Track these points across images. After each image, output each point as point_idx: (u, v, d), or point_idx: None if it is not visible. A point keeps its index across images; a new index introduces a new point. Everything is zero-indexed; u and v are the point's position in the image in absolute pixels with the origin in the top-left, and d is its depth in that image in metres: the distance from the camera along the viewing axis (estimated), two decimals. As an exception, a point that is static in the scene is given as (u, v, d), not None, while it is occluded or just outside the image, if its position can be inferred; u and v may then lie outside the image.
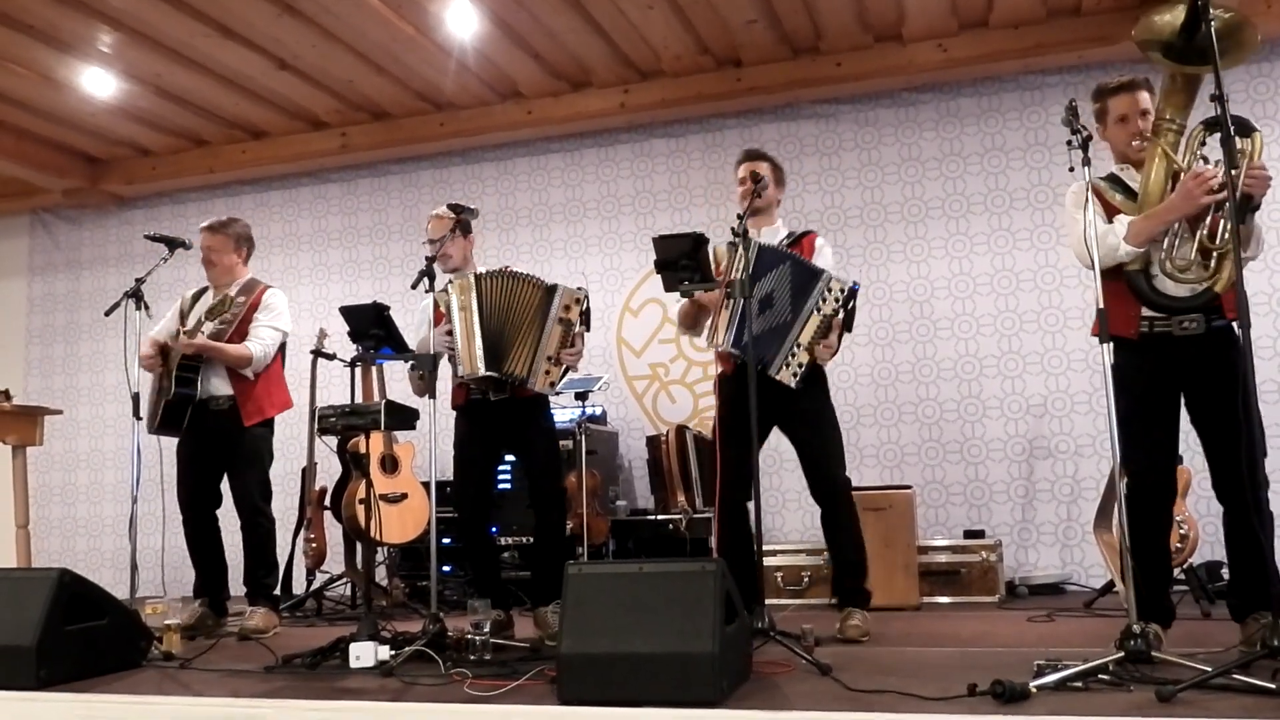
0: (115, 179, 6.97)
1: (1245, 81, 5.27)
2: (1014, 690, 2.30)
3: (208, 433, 4.31)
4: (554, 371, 3.79)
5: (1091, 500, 5.03)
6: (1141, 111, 3.10)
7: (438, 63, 5.62)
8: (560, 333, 3.78)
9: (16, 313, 7.40)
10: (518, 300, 3.81)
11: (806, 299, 3.56)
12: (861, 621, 3.55)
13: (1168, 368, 3.00)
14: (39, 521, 6.15)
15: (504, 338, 3.77)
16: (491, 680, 2.75)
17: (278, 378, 4.49)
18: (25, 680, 2.95)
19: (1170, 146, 2.96)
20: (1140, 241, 2.96)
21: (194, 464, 4.37)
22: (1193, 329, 2.97)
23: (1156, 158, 2.99)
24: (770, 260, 3.61)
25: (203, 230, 4.53)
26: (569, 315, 3.79)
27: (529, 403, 3.91)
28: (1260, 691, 2.26)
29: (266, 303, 4.42)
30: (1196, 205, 2.88)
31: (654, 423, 6.01)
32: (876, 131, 5.87)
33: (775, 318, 3.59)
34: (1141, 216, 2.98)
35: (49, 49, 5.35)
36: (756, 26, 5.36)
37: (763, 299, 3.57)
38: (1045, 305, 5.47)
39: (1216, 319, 2.97)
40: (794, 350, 3.54)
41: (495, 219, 6.42)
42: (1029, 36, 5.36)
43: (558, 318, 3.78)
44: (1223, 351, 2.97)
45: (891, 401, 5.63)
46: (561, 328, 3.78)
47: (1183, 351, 2.98)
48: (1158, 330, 3.00)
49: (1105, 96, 3.17)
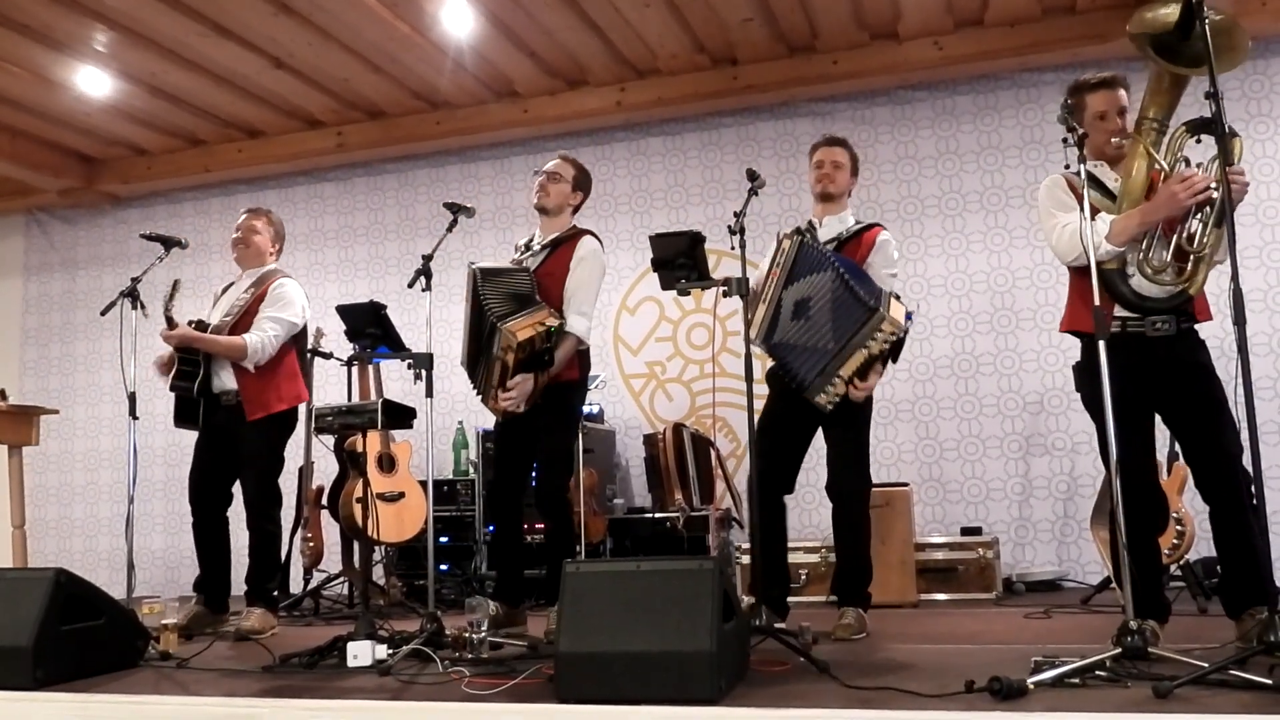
0: (111, 178, 6.96)
1: (1240, 80, 5.28)
2: (1011, 687, 2.30)
3: (218, 428, 4.21)
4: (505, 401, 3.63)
5: (1088, 497, 5.04)
6: (1120, 109, 3.10)
7: (434, 61, 5.62)
8: (498, 370, 3.60)
9: (12, 313, 7.39)
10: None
11: (856, 331, 3.44)
12: (854, 620, 3.56)
13: (1141, 367, 3.01)
14: (35, 522, 6.14)
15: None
16: (489, 679, 2.75)
17: (287, 371, 4.29)
18: (22, 680, 2.94)
19: (1152, 146, 2.96)
20: (1122, 241, 2.96)
21: (204, 459, 4.27)
22: (1165, 330, 2.99)
23: (1139, 156, 2.99)
24: (811, 262, 3.55)
25: (247, 211, 4.48)
26: (507, 358, 3.57)
27: (556, 390, 3.72)
28: (1257, 687, 2.27)
29: (275, 293, 4.27)
30: (1180, 208, 2.89)
31: (651, 421, 6.02)
32: (872, 130, 5.87)
33: (814, 335, 3.53)
34: (1124, 215, 2.98)
35: (44, 48, 5.34)
36: (752, 25, 5.36)
37: (799, 302, 3.54)
38: (1041, 303, 5.48)
39: (1186, 321, 3.01)
40: (834, 380, 3.51)
41: (492, 218, 6.42)
42: (1025, 34, 5.37)
43: (497, 356, 3.57)
44: (1193, 351, 3.02)
45: (888, 399, 5.63)
46: (499, 365, 3.58)
47: (1156, 352, 3.00)
48: (1131, 330, 3.01)
49: (1084, 92, 3.15)
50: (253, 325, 4.20)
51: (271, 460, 4.24)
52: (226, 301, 4.38)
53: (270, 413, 4.18)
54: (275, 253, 4.47)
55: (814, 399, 3.52)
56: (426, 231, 6.46)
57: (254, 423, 4.15)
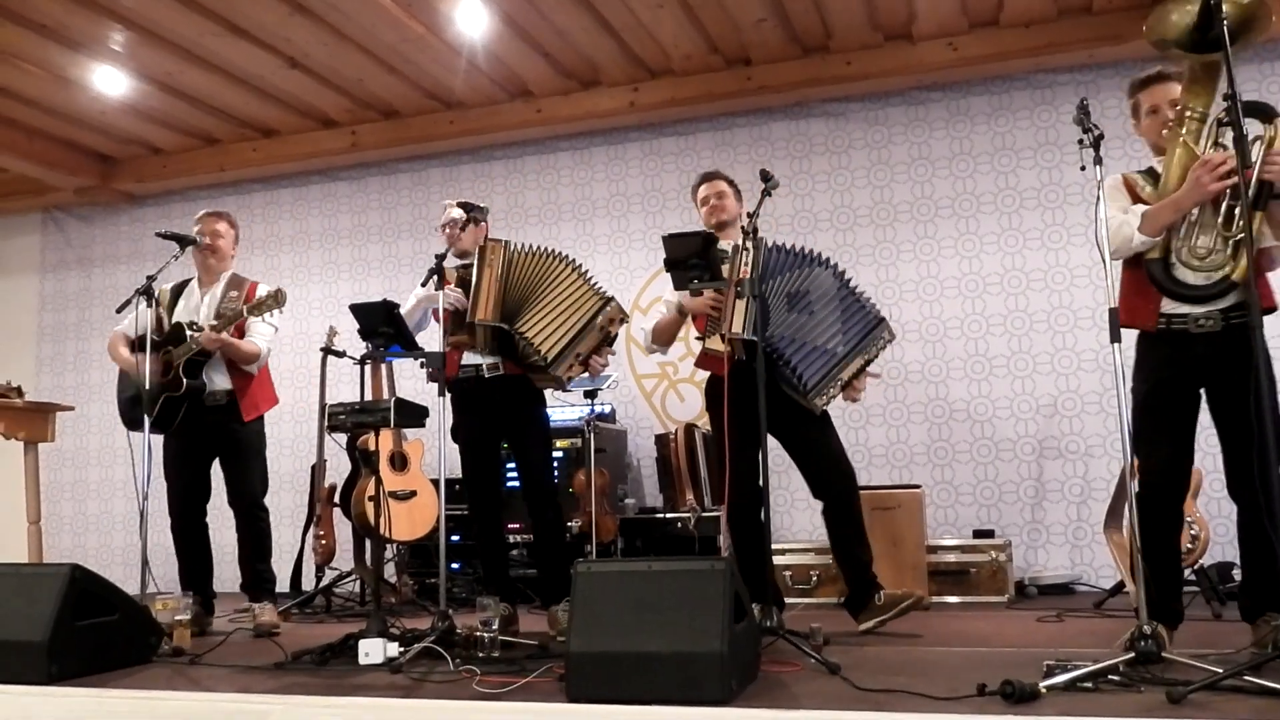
0: (127, 177, 7.00)
1: (1257, 81, 5.25)
2: (1023, 690, 2.30)
3: (204, 428, 4.28)
4: (576, 369, 3.87)
5: (1102, 501, 5.01)
6: (1171, 102, 3.08)
7: (447, 61, 5.63)
8: (597, 340, 3.87)
9: (29, 310, 7.44)
10: (551, 276, 3.87)
11: (865, 335, 3.61)
12: (886, 598, 3.66)
13: (1186, 363, 2.98)
14: (50, 518, 6.17)
15: (525, 303, 3.83)
16: (500, 677, 2.76)
17: (267, 375, 4.51)
18: (37, 675, 2.97)
19: (1191, 136, 2.95)
20: (1153, 230, 2.95)
21: (187, 460, 4.34)
22: (1210, 326, 2.95)
23: (1178, 147, 2.98)
24: (788, 260, 3.63)
25: (210, 215, 4.53)
26: (611, 329, 3.90)
27: (521, 386, 3.95)
28: (1272, 693, 2.25)
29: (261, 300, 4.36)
30: (1206, 193, 2.87)
31: (663, 421, 6.01)
32: (886, 130, 5.86)
33: (821, 333, 3.59)
34: (1155, 206, 2.97)
35: (61, 48, 5.37)
36: (766, 25, 5.35)
37: (792, 295, 3.57)
38: (1055, 305, 5.45)
39: (1236, 316, 2.93)
40: (836, 382, 3.56)
41: (504, 217, 6.42)
42: (1040, 35, 5.34)
43: (602, 326, 3.86)
44: (1241, 348, 2.93)
45: (901, 401, 5.62)
46: (600, 335, 3.87)
47: (1201, 349, 2.96)
48: (1175, 328, 2.99)
49: (1136, 90, 3.18)
50: (249, 330, 4.34)
51: (262, 457, 4.46)
52: (208, 304, 4.43)
53: (260, 413, 4.41)
54: (234, 254, 4.62)
55: (812, 401, 3.52)
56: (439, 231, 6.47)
57: (249, 422, 4.33)
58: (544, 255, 3.90)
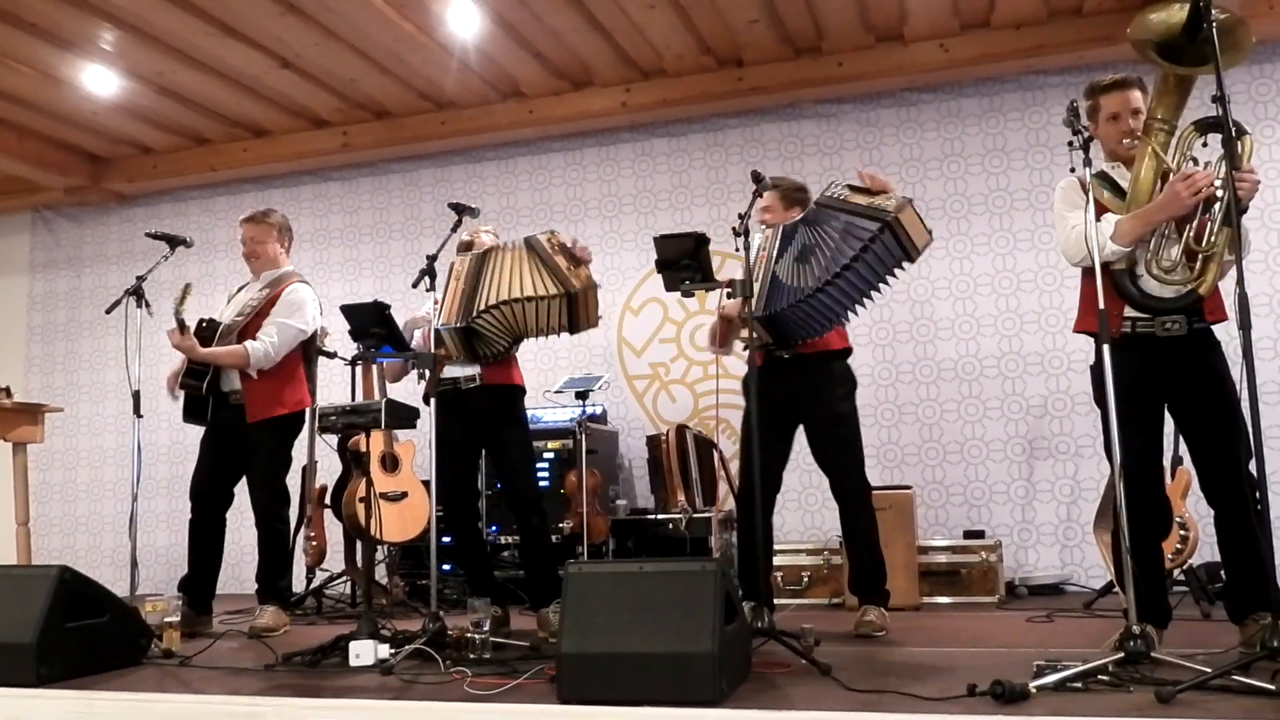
0: (117, 177, 6.97)
1: (1246, 83, 5.28)
2: (1013, 691, 2.30)
3: (224, 426, 4.25)
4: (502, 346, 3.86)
5: (1091, 501, 5.03)
6: (1133, 110, 3.09)
7: (439, 62, 5.62)
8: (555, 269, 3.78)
9: (17, 310, 7.40)
10: (494, 263, 3.84)
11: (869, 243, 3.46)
12: (877, 617, 3.63)
13: (1151, 368, 3.00)
14: (39, 519, 6.15)
15: (475, 289, 3.82)
16: (491, 679, 2.75)
17: (289, 376, 4.32)
18: (25, 677, 2.95)
19: (1161, 146, 2.97)
20: (1128, 241, 2.96)
21: (209, 456, 4.30)
22: (1175, 330, 2.97)
23: (1146, 157, 2.99)
24: (791, 230, 3.64)
25: (243, 222, 4.46)
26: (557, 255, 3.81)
27: (500, 395, 3.94)
28: (1260, 693, 2.26)
29: (286, 299, 4.31)
30: (1183, 207, 2.89)
31: (654, 422, 6.01)
32: (878, 132, 5.87)
33: (828, 262, 3.47)
34: (1129, 216, 2.98)
35: (51, 47, 5.35)
36: (758, 26, 5.36)
37: (800, 251, 3.55)
38: (1046, 306, 5.47)
39: (1198, 321, 2.98)
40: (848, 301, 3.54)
41: (496, 218, 6.40)
42: (1030, 37, 5.36)
43: (549, 260, 3.78)
44: (1204, 353, 2.99)
45: (892, 401, 5.63)
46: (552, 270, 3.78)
47: (1166, 352, 2.99)
48: (1140, 331, 3.01)
49: (1098, 94, 3.16)
50: (260, 329, 4.23)
51: (274, 463, 4.29)
52: (239, 301, 4.40)
53: (270, 417, 4.22)
54: (286, 249, 4.52)
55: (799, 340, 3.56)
56: (431, 231, 6.46)
57: (256, 424, 4.20)
58: (492, 250, 3.91)
